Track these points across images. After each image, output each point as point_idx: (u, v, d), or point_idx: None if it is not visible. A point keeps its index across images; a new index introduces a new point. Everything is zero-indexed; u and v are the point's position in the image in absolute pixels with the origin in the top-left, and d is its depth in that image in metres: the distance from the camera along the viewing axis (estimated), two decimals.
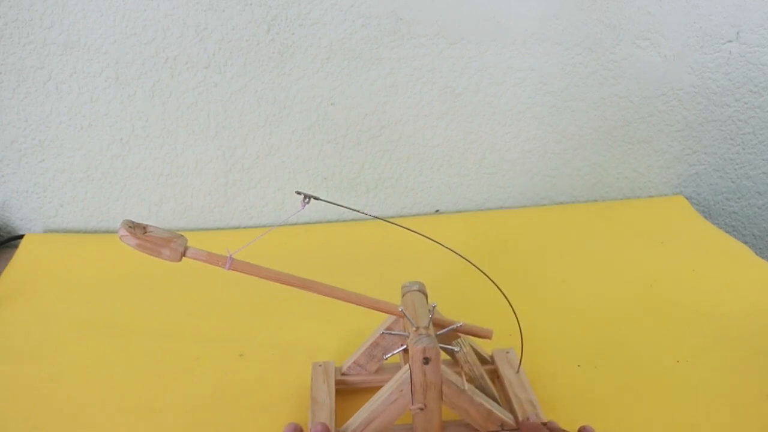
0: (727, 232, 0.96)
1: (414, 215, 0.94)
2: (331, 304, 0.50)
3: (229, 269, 0.47)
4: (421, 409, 0.47)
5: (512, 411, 0.52)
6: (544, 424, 0.47)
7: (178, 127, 0.84)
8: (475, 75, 0.86)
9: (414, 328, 0.47)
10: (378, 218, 0.57)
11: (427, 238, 0.53)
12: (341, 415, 0.51)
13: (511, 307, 0.52)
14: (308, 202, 0.48)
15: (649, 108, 0.92)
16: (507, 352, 0.59)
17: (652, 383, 0.59)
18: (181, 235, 0.47)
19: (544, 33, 0.85)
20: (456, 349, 0.50)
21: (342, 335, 0.65)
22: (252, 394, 0.58)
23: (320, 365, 0.57)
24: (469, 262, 0.52)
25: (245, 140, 0.86)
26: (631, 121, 0.93)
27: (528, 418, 0.49)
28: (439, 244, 0.53)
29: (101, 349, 0.64)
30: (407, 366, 0.46)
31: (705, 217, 0.95)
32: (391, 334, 0.52)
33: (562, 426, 0.46)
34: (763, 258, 0.80)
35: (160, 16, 0.78)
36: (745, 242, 0.95)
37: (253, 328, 0.67)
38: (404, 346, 0.50)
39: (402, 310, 0.49)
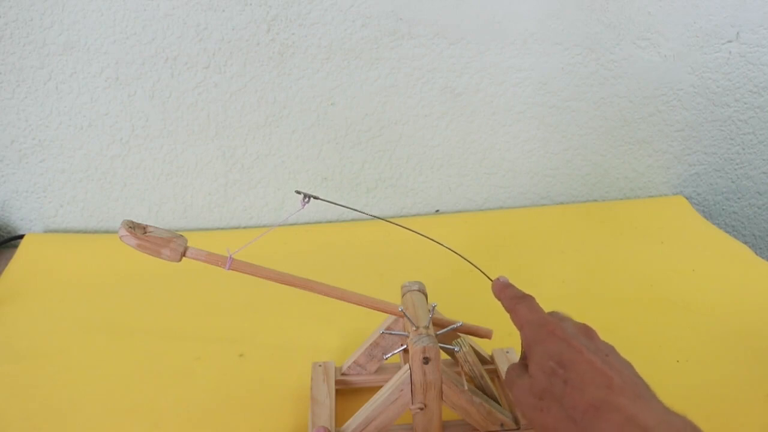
0: (727, 232, 0.96)
1: (414, 215, 0.94)
2: (331, 304, 0.50)
3: (229, 269, 0.47)
4: (421, 409, 0.47)
5: (512, 411, 0.52)
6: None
7: (178, 127, 0.84)
8: (475, 75, 0.86)
9: (414, 328, 0.48)
10: (378, 218, 0.57)
11: (427, 238, 0.53)
12: (341, 415, 0.51)
13: None
14: (308, 202, 0.48)
15: (649, 108, 0.92)
16: (507, 352, 0.59)
17: (652, 383, 0.59)
18: (181, 235, 0.47)
19: (544, 33, 0.85)
20: (456, 348, 0.50)
21: (342, 335, 0.65)
22: (252, 394, 0.58)
23: (320, 365, 0.57)
24: (469, 262, 0.52)
25: (245, 140, 0.86)
26: (631, 121, 0.93)
27: (498, 279, 0.50)
28: (439, 244, 0.53)
29: (101, 349, 0.64)
30: (407, 366, 0.46)
31: (705, 217, 0.95)
32: (391, 334, 0.52)
33: None
34: (763, 258, 0.80)
35: (160, 16, 0.78)
36: (745, 242, 0.95)
37: (253, 328, 0.67)
38: (404, 346, 0.50)
39: (402, 310, 0.49)
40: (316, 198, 0.48)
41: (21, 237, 0.85)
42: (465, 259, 0.52)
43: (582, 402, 0.37)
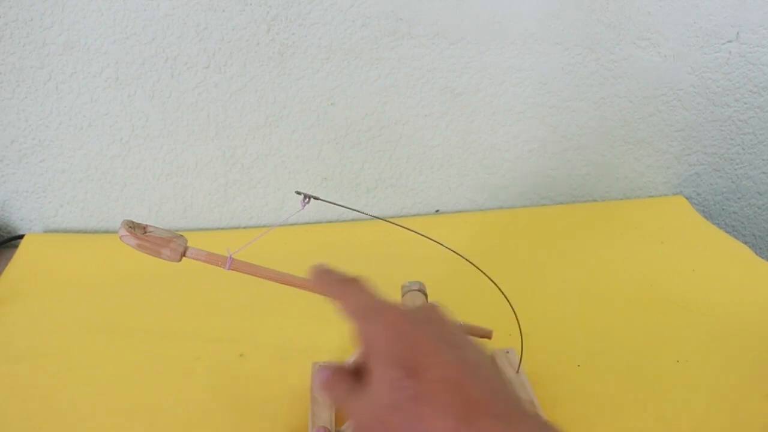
0: (727, 232, 0.96)
1: (414, 215, 0.94)
2: (331, 304, 0.50)
3: (229, 269, 0.46)
4: None
5: None
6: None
7: (178, 127, 0.84)
8: (475, 75, 0.86)
9: None
10: (378, 218, 0.57)
11: (427, 238, 0.53)
12: (341, 415, 0.51)
13: (511, 307, 0.52)
14: (308, 202, 0.48)
15: (649, 108, 0.92)
16: (507, 352, 0.59)
17: (652, 383, 0.59)
18: (181, 235, 0.47)
19: (544, 33, 0.85)
20: None
21: (342, 335, 0.64)
22: (252, 394, 0.58)
23: (320, 365, 0.57)
24: (469, 262, 0.52)
25: (245, 140, 0.86)
26: (631, 121, 0.93)
27: (316, 266, 0.40)
28: (439, 244, 0.53)
29: (101, 349, 0.64)
30: None
31: (705, 217, 0.95)
32: None
33: None
34: (763, 258, 0.80)
35: (160, 16, 0.78)
36: (745, 242, 0.95)
37: (253, 328, 0.67)
38: None
39: None
40: (316, 198, 0.48)
41: (21, 237, 0.85)
42: (465, 259, 0.52)
43: (436, 428, 0.29)
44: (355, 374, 0.34)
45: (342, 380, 0.34)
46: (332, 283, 0.39)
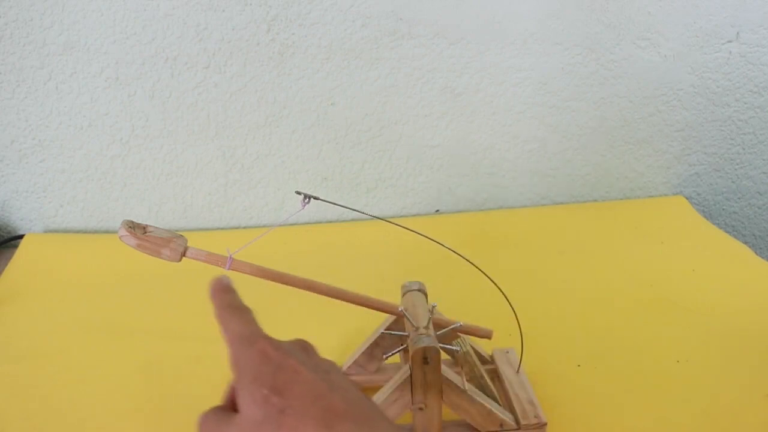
0: (727, 232, 0.96)
1: (414, 215, 0.94)
2: (331, 304, 0.50)
3: (229, 269, 0.47)
4: (421, 409, 0.47)
5: (512, 411, 0.52)
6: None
7: (178, 127, 0.84)
8: (475, 75, 0.86)
9: (414, 328, 0.48)
10: (378, 218, 0.57)
11: (427, 238, 0.53)
12: None
13: (511, 306, 0.52)
14: (308, 202, 0.48)
15: (649, 108, 0.92)
16: (507, 352, 0.59)
17: (652, 383, 0.59)
18: (181, 235, 0.47)
19: (544, 33, 0.85)
20: (456, 349, 0.50)
21: (342, 335, 0.65)
22: None
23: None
24: (469, 262, 0.52)
25: (245, 140, 0.86)
26: (631, 121, 0.93)
27: (220, 278, 0.43)
28: (439, 244, 0.53)
29: (101, 349, 0.64)
30: (407, 366, 0.46)
31: (705, 217, 0.95)
32: (391, 334, 0.52)
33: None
34: (763, 258, 0.80)
35: (160, 16, 0.78)
36: (745, 242, 0.95)
37: None
38: (404, 346, 0.50)
39: (402, 310, 0.49)
40: (316, 198, 0.48)
41: (21, 237, 0.85)
42: (465, 259, 0.52)
43: None
44: (224, 408, 0.36)
45: (210, 416, 0.35)
46: (222, 306, 0.41)
